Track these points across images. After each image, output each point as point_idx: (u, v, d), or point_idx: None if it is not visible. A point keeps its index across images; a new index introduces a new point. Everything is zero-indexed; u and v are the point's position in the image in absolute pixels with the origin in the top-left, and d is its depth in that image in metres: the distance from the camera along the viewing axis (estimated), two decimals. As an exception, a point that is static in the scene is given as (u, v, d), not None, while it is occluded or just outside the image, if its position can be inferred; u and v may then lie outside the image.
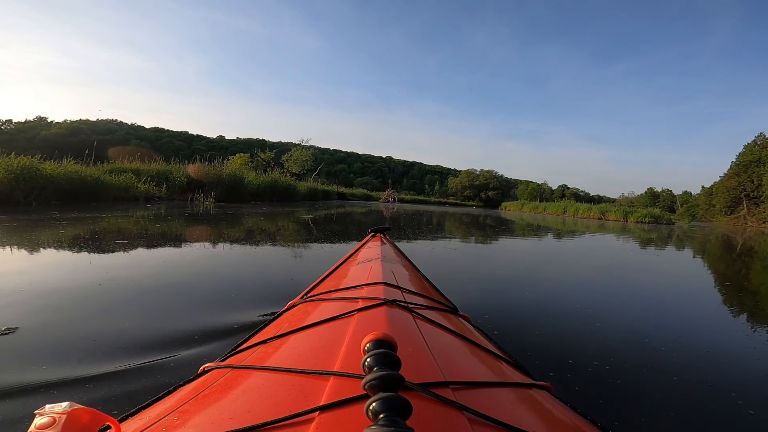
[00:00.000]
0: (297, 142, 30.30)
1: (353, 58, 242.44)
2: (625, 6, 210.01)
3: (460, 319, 0.93)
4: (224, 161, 17.65)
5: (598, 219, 23.29)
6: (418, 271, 1.47)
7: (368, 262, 1.26)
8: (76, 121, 64.22)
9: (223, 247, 3.97)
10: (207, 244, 4.15)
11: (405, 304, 0.76)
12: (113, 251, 3.22)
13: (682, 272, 5.07)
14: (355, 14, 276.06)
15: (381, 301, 0.73)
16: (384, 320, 0.65)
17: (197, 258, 3.34)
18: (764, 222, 31.23)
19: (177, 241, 4.19)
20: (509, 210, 35.43)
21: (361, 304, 0.73)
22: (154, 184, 11.15)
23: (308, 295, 1.00)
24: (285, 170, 25.40)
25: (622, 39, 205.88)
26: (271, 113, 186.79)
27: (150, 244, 3.71)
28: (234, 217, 7.56)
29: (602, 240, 9.15)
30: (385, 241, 1.94)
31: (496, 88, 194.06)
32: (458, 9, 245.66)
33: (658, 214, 23.38)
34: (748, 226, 30.68)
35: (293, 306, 0.94)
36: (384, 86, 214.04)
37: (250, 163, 21.54)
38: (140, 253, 3.27)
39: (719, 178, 40.84)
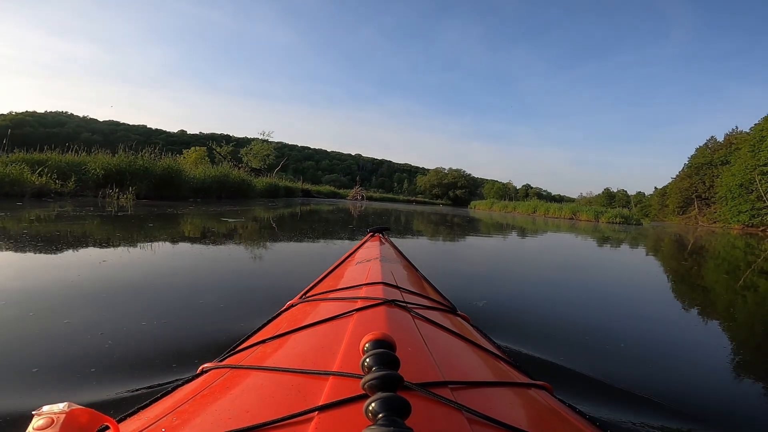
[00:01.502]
0: (258, 136, 27.89)
1: (324, 54, 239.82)
2: (589, 12, 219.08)
3: (459, 318, 0.92)
4: (174, 155, 15.73)
5: (570, 219, 23.03)
6: (417, 270, 1.46)
7: (367, 262, 1.24)
8: (22, 113, 60.06)
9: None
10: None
11: (404, 304, 0.75)
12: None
13: (672, 271, 5.17)
14: (328, 10, 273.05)
15: (380, 301, 0.73)
16: (383, 320, 0.65)
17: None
18: (714, 222, 32.73)
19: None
20: (478, 209, 35.05)
21: (360, 304, 0.72)
22: (55, 177, 8.95)
23: (307, 295, 0.99)
24: (244, 165, 23.59)
25: (584, 44, 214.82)
26: (237, 108, 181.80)
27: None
28: (121, 221, 5.48)
29: (585, 241, 8.99)
30: (384, 240, 1.91)
31: (465, 89, 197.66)
32: (431, 9, 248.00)
33: (627, 215, 23.29)
34: (699, 225, 31.92)
35: (292, 306, 0.93)
36: (354, 83, 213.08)
37: (207, 158, 19.88)
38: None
39: (671, 180, 42.63)
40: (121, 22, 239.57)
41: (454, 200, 57.99)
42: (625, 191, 59.71)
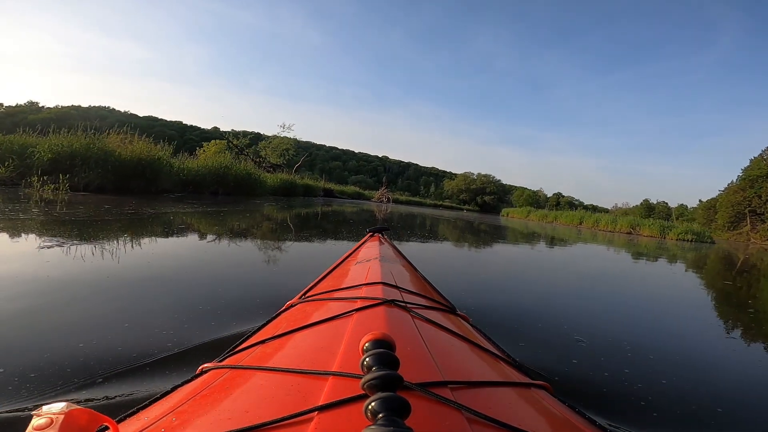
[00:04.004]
0: (278, 129, 24.40)
1: (352, 55, 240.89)
2: (627, 16, 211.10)
3: (458, 318, 0.92)
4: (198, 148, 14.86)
5: (627, 233, 19.99)
6: (417, 271, 1.47)
7: (367, 261, 1.24)
8: (67, 106, 62.81)
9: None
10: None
11: (403, 304, 0.75)
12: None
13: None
14: (357, 11, 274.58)
15: (380, 301, 0.73)
16: (383, 320, 0.65)
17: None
18: (769, 239, 29.88)
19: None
20: (512, 217, 31.75)
21: (359, 304, 0.72)
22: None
23: (306, 295, 0.99)
24: (262, 159, 22.09)
25: (621, 49, 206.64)
26: (268, 107, 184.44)
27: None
28: None
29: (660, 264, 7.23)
30: (383, 240, 1.91)
31: (494, 93, 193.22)
32: (461, 12, 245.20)
33: (699, 231, 20.13)
34: (751, 242, 29.02)
35: (292, 306, 0.93)
36: (382, 85, 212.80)
37: (227, 151, 19.05)
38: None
39: (719, 192, 39.47)
40: (161, 22, 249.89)
41: (482, 206, 56.08)
42: (666, 203, 55.94)
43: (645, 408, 1.32)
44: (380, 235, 2.05)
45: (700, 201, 46.47)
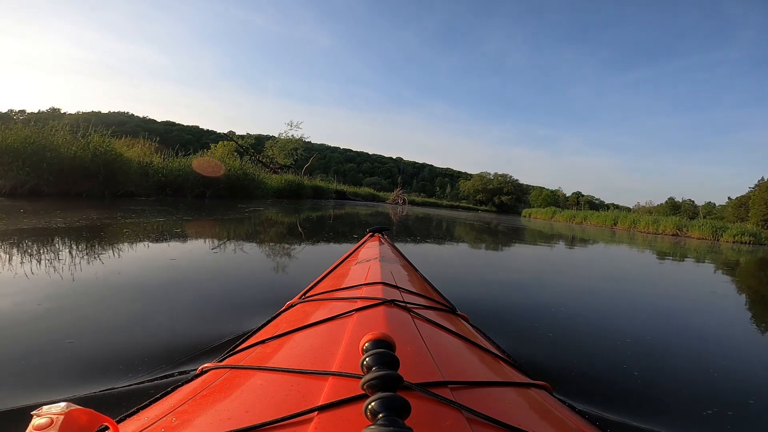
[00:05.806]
0: (287, 129, 22.78)
1: (364, 57, 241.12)
2: (643, 14, 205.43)
3: (458, 318, 0.91)
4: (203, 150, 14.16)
5: (673, 236, 18.41)
6: (417, 271, 1.46)
7: (367, 261, 1.23)
8: (88, 112, 64.04)
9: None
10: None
11: (403, 304, 0.74)
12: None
13: None
14: (367, 13, 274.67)
15: (379, 301, 0.72)
16: (382, 320, 0.64)
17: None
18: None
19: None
20: (535, 218, 29.57)
21: (359, 304, 0.72)
22: None
23: (306, 295, 0.98)
24: (268, 159, 21.04)
25: (639, 47, 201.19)
26: (281, 110, 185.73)
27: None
28: None
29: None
30: (383, 240, 1.90)
31: (508, 93, 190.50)
32: (473, 13, 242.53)
33: (756, 232, 18.33)
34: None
35: (291, 306, 0.92)
36: (394, 87, 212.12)
37: (235, 153, 18.35)
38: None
39: (750, 189, 37.34)
40: (175, 26, 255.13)
41: (500, 207, 54.64)
42: (692, 201, 53.31)
43: (646, 409, 1.29)
44: (380, 235, 2.04)
45: (729, 198, 44.27)
